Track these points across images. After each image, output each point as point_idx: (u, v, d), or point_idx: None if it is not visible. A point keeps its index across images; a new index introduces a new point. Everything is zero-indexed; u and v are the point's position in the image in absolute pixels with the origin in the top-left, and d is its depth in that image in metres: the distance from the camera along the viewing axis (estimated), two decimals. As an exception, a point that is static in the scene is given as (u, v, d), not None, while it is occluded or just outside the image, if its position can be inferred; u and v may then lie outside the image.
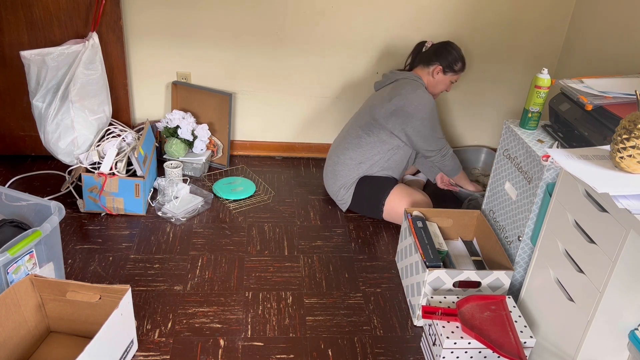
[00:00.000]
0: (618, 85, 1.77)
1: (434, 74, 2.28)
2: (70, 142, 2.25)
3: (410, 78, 2.26)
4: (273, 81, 2.69)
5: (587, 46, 2.51)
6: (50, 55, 2.12)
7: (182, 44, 2.56)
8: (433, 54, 2.28)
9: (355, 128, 2.33)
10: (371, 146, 2.28)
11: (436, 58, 2.27)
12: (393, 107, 2.20)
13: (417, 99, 2.17)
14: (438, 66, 2.26)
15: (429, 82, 2.30)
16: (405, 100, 2.18)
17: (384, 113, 2.22)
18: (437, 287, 1.76)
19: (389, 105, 2.21)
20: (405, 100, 2.18)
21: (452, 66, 2.27)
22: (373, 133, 2.26)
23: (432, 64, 2.27)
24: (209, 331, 1.73)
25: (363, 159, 2.29)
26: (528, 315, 1.70)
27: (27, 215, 1.72)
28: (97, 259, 2.00)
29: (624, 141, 1.33)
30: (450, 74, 2.29)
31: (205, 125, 2.58)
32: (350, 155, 2.30)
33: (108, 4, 2.32)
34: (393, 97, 2.20)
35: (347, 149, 2.31)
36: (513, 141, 1.87)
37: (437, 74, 2.28)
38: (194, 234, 2.18)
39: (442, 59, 2.26)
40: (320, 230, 2.28)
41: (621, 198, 1.25)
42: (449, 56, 2.26)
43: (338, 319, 1.82)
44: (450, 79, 2.31)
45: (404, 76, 2.28)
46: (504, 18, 2.63)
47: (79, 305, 1.53)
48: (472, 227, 2.13)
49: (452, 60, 2.26)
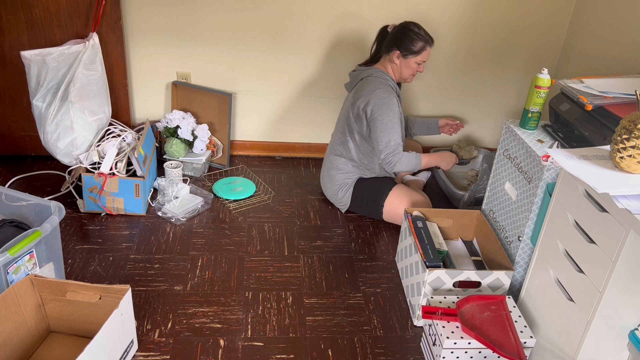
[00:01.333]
0: (618, 85, 1.77)
1: (395, 60, 2.19)
2: (69, 142, 2.25)
3: (373, 75, 2.19)
4: (273, 81, 2.69)
5: (587, 46, 2.51)
6: (50, 56, 2.12)
7: (182, 44, 2.56)
8: (391, 40, 2.19)
9: (338, 134, 2.34)
10: (357, 149, 2.28)
11: (394, 43, 2.17)
12: (356, 109, 2.20)
13: (375, 100, 2.13)
14: (396, 51, 2.17)
15: (394, 69, 2.22)
16: (364, 101, 2.16)
17: (353, 117, 2.23)
18: (437, 287, 1.76)
19: (353, 108, 2.21)
20: (364, 101, 2.16)
21: (411, 48, 2.15)
22: (349, 137, 2.27)
23: (391, 51, 2.19)
24: (209, 331, 1.73)
25: (354, 162, 2.31)
26: (528, 315, 1.70)
27: (27, 215, 1.72)
28: (97, 259, 2.00)
29: (624, 141, 1.33)
30: (412, 56, 2.18)
31: (205, 125, 2.58)
32: (342, 160, 2.32)
33: (108, 4, 2.32)
34: (356, 99, 2.19)
35: (337, 155, 2.33)
36: (513, 141, 1.87)
37: (397, 60, 2.19)
38: (194, 234, 2.18)
39: (399, 43, 2.16)
40: (320, 230, 2.28)
41: (621, 198, 1.25)
42: (405, 38, 2.15)
43: (338, 319, 1.82)
44: (414, 61, 2.19)
45: (367, 73, 2.21)
46: (504, 18, 2.63)
47: (79, 305, 1.53)
48: (472, 227, 2.13)
49: (410, 42, 2.15)
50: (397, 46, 2.17)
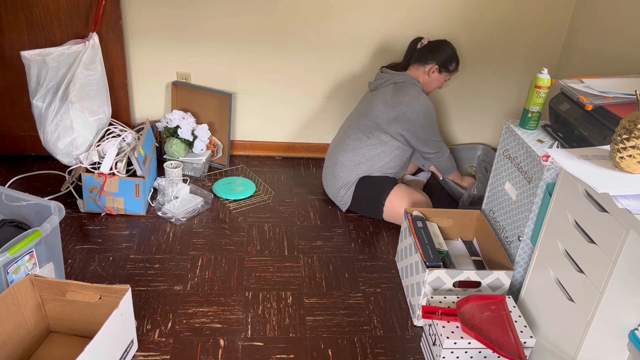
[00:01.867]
0: (618, 85, 1.77)
1: (430, 73, 2.29)
2: (69, 142, 2.25)
3: (410, 82, 2.25)
4: (273, 81, 2.69)
5: (587, 46, 2.51)
6: (50, 56, 2.12)
7: (182, 44, 2.56)
8: (429, 53, 2.28)
9: (354, 130, 2.33)
10: (371, 148, 2.28)
11: (432, 57, 2.27)
12: (397, 113, 2.21)
13: (421, 107, 2.20)
14: (434, 65, 2.27)
15: (424, 80, 2.31)
16: (409, 108, 2.20)
17: (386, 118, 2.23)
18: (437, 287, 1.76)
19: (393, 111, 2.22)
20: (409, 108, 2.20)
21: (448, 66, 2.29)
22: (374, 135, 2.27)
23: (429, 63, 2.28)
24: (209, 331, 1.73)
25: (362, 159, 2.29)
26: (528, 315, 1.70)
27: (27, 215, 1.72)
28: (97, 259, 2.00)
29: (624, 141, 1.33)
30: (445, 74, 2.31)
31: (205, 125, 2.58)
32: (349, 157, 2.31)
33: (108, 4, 2.32)
34: (397, 104, 2.21)
35: (346, 151, 2.31)
36: (513, 141, 1.87)
37: (433, 73, 2.29)
38: (194, 234, 2.18)
39: (438, 58, 2.27)
40: (320, 230, 2.28)
41: (621, 198, 1.25)
42: (445, 56, 2.27)
43: (338, 319, 1.82)
44: (444, 77, 2.33)
45: (404, 79, 2.26)
46: (504, 18, 2.63)
47: (79, 305, 1.53)
48: (472, 227, 2.13)
49: (448, 60, 2.28)
50: (436, 61, 2.28)
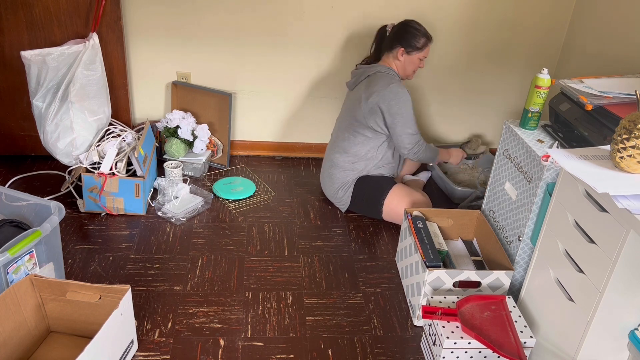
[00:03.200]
0: (618, 85, 1.77)
1: (399, 57, 2.25)
2: (69, 142, 2.25)
3: (382, 72, 2.23)
4: (273, 81, 2.69)
5: (587, 46, 2.51)
6: (50, 56, 2.12)
7: (182, 44, 2.56)
8: (394, 38, 2.26)
9: (341, 131, 2.34)
10: (360, 146, 2.28)
11: (397, 41, 2.24)
12: (370, 105, 2.20)
13: (391, 95, 2.16)
14: (400, 48, 2.23)
15: (398, 66, 2.28)
16: (379, 97, 2.17)
17: (363, 112, 2.23)
18: (437, 287, 1.76)
19: (366, 104, 2.21)
20: (379, 97, 2.17)
21: (414, 44, 2.23)
22: (358, 133, 2.27)
23: (395, 48, 2.25)
24: (209, 331, 1.73)
25: (355, 159, 2.30)
26: (528, 315, 1.70)
27: (27, 215, 1.72)
28: (97, 259, 2.00)
29: (624, 141, 1.33)
30: (416, 53, 2.25)
31: (205, 125, 2.58)
32: (343, 158, 2.32)
33: (108, 4, 2.32)
34: (369, 95, 2.20)
35: (339, 152, 2.33)
36: (513, 141, 1.87)
37: (402, 56, 2.25)
38: (194, 234, 2.18)
39: (402, 40, 2.23)
40: (320, 230, 2.28)
41: (621, 198, 1.25)
42: (408, 35, 2.22)
43: (338, 319, 1.82)
44: (417, 56, 2.26)
45: (375, 70, 2.25)
46: (504, 18, 2.63)
47: (79, 305, 1.53)
48: (472, 227, 2.13)
49: (413, 39, 2.23)
50: (401, 43, 2.24)
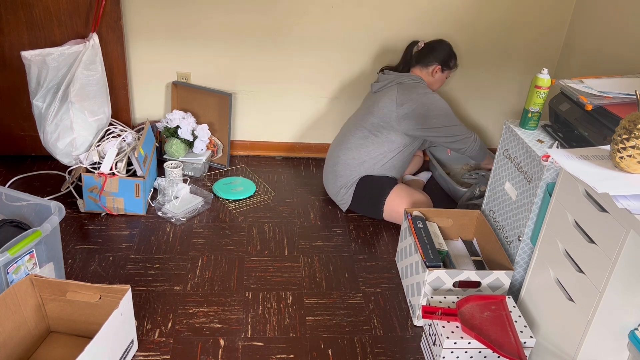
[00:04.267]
0: (618, 85, 1.77)
1: (433, 74, 2.35)
2: (68, 142, 2.25)
3: (414, 80, 2.29)
4: (273, 81, 2.69)
5: (587, 46, 2.51)
6: (50, 56, 2.12)
7: (182, 44, 2.56)
8: (429, 54, 2.34)
9: (359, 129, 2.33)
10: (377, 146, 2.29)
11: (433, 58, 2.33)
12: (407, 110, 2.23)
13: (432, 100, 2.23)
14: (437, 66, 2.33)
15: (428, 81, 2.36)
16: (420, 103, 2.22)
17: (396, 116, 2.24)
18: (437, 287, 1.76)
19: (402, 109, 2.23)
20: (420, 103, 2.22)
21: (449, 64, 2.36)
22: (382, 134, 2.28)
23: (431, 64, 2.33)
24: (209, 331, 1.73)
25: (366, 158, 2.29)
26: (528, 315, 1.70)
27: (27, 215, 1.72)
28: (97, 259, 2.00)
29: (624, 141, 1.33)
30: (447, 71, 2.38)
31: (205, 125, 2.58)
32: (352, 155, 2.31)
33: (108, 4, 2.32)
34: (406, 101, 2.23)
35: (350, 149, 2.31)
36: (513, 141, 1.87)
37: (436, 74, 2.35)
38: (194, 234, 2.18)
39: (438, 58, 2.33)
40: (320, 230, 2.28)
41: (621, 198, 1.25)
42: (444, 54, 2.34)
43: (338, 319, 1.82)
44: (446, 75, 2.40)
45: (408, 79, 2.30)
46: (504, 18, 2.63)
47: (79, 305, 1.53)
48: (472, 227, 2.13)
49: (448, 58, 2.35)
50: (438, 61, 2.33)
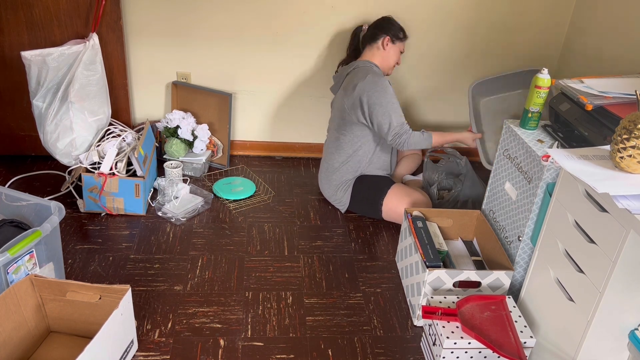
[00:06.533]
0: (618, 85, 1.77)
1: (384, 46, 2.31)
2: (68, 143, 2.25)
3: (359, 66, 2.28)
4: (273, 81, 2.69)
5: (587, 46, 2.51)
6: (50, 56, 2.12)
7: (182, 44, 2.56)
8: (376, 29, 2.33)
9: (331, 133, 2.37)
10: (350, 144, 2.30)
11: (381, 31, 2.31)
12: (351, 100, 2.23)
13: (368, 86, 2.18)
14: (386, 37, 2.30)
15: (382, 56, 2.32)
16: (359, 88, 2.20)
17: (346, 109, 2.25)
18: (437, 287, 1.76)
19: (348, 99, 2.24)
20: (359, 88, 2.20)
21: (398, 34, 2.32)
22: (346, 131, 2.29)
23: (379, 37, 2.31)
24: (209, 331, 1.73)
25: (347, 157, 2.31)
26: (528, 315, 1.70)
27: (27, 215, 1.72)
28: (97, 259, 2.00)
29: (624, 141, 1.33)
30: (398, 42, 2.33)
31: (205, 125, 2.58)
32: (335, 159, 2.33)
33: (108, 4, 2.32)
34: (348, 91, 2.23)
35: (332, 154, 2.35)
36: (513, 141, 1.87)
37: (387, 45, 2.31)
38: (194, 234, 2.18)
39: (386, 30, 2.31)
40: (320, 230, 2.28)
41: (621, 198, 1.25)
42: (392, 26, 2.32)
43: (338, 319, 1.82)
44: (399, 48, 2.35)
45: (353, 67, 2.30)
46: (504, 18, 2.63)
47: (79, 305, 1.53)
48: (472, 227, 2.13)
49: (397, 29, 2.32)
50: (386, 32, 2.31)
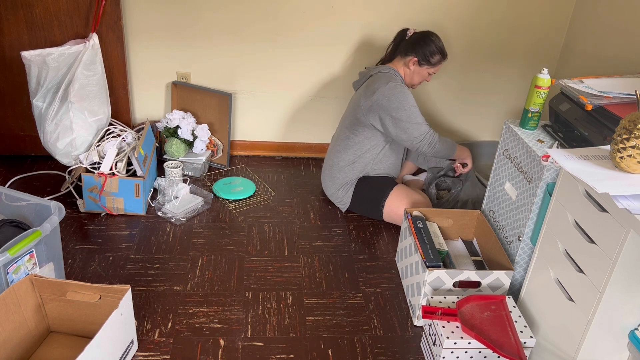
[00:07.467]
0: (618, 85, 1.77)
1: (410, 66, 2.25)
2: (68, 143, 2.25)
3: (383, 72, 2.25)
4: (273, 81, 2.69)
5: (587, 46, 2.51)
6: (50, 56, 2.12)
7: (182, 44, 2.56)
8: (411, 45, 2.24)
9: (342, 130, 2.35)
10: (359, 145, 2.29)
11: (413, 49, 2.23)
12: (369, 103, 2.21)
13: (390, 91, 2.16)
14: (413, 58, 2.23)
15: (405, 72, 2.28)
16: (379, 94, 2.17)
17: (362, 110, 2.24)
18: (437, 287, 1.76)
19: (365, 102, 2.22)
20: (379, 94, 2.17)
21: (429, 59, 2.23)
22: (358, 132, 2.28)
23: (409, 55, 2.24)
24: (209, 331, 1.73)
25: (354, 158, 2.31)
26: (528, 315, 1.70)
27: (27, 215, 1.72)
28: (97, 259, 2.00)
29: (624, 141, 1.33)
30: (427, 67, 2.25)
31: (205, 125, 2.58)
32: (342, 157, 2.32)
33: (108, 4, 2.32)
34: (370, 94, 2.21)
35: (339, 152, 2.34)
36: (513, 141, 1.87)
37: (412, 66, 2.25)
38: (194, 234, 2.18)
39: (418, 50, 2.22)
40: (320, 230, 2.28)
41: (621, 198, 1.25)
42: (426, 48, 2.21)
43: (338, 319, 1.82)
44: (427, 71, 2.27)
45: (377, 70, 2.27)
46: (504, 18, 2.63)
47: (79, 305, 1.53)
48: (472, 227, 2.13)
49: (429, 53, 2.22)
50: (416, 53, 2.23)
